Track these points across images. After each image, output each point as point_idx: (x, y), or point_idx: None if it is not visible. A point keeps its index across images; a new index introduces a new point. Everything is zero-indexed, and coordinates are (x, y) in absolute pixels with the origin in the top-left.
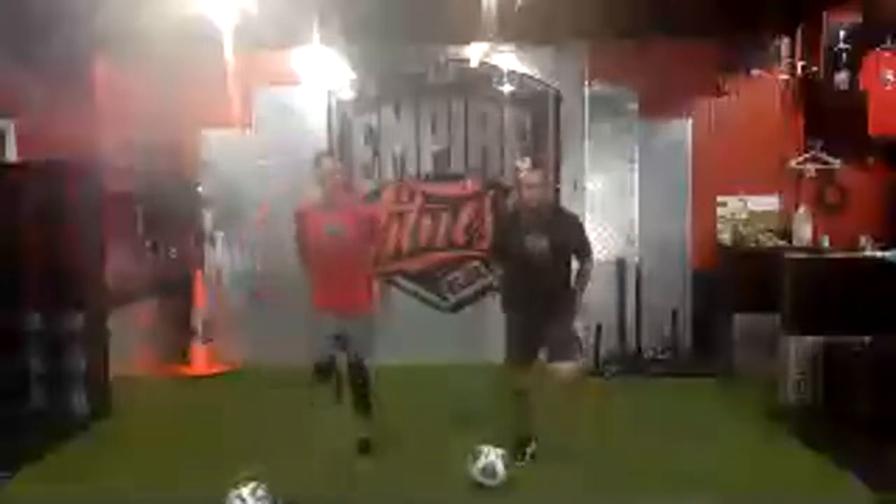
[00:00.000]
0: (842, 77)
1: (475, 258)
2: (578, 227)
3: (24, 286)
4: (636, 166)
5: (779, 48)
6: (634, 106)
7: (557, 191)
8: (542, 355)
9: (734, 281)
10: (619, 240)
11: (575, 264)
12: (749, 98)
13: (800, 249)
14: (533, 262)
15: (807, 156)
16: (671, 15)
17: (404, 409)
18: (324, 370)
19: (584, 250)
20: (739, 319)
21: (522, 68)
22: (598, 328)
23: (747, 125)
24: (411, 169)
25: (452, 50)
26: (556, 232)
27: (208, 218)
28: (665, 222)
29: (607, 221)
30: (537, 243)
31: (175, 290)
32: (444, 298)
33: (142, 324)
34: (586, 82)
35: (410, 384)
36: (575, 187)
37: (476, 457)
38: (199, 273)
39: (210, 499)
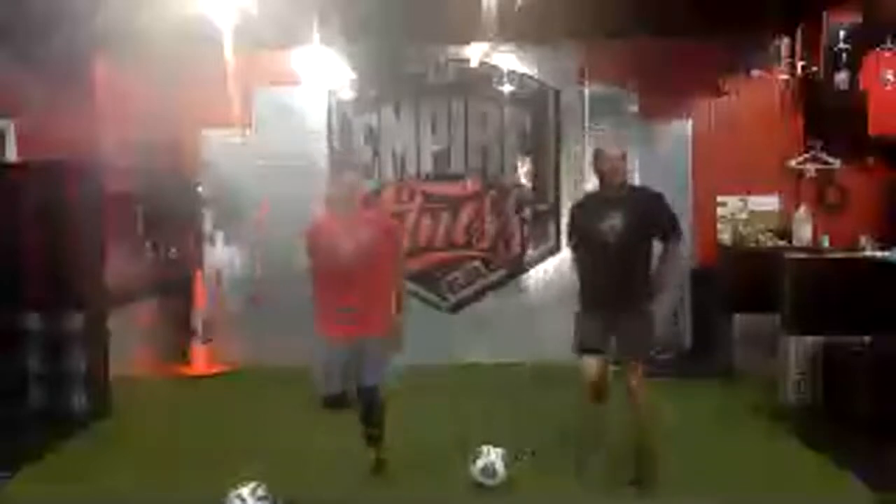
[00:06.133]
0: (842, 77)
1: (475, 258)
2: (659, 202)
3: (24, 286)
4: (636, 166)
5: (779, 48)
6: (634, 106)
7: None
8: (612, 347)
9: (734, 281)
10: None
11: (658, 246)
12: (749, 98)
13: (800, 249)
14: (608, 243)
15: (807, 156)
16: (671, 15)
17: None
18: (335, 405)
19: (668, 227)
20: (739, 319)
21: (522, 68)
22: None
23: (747, 125)
24: (411, 169)
25: (452, 50)
26: (634, 209)
27: (208, 218)
28: None
29: None
30: (613, 222)
31: (175, 290)
32: (444, 298)
33: (142, 324)
34: (586, 82)
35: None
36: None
37: (476, 457)
38: (199, 273)
39: (210, 499)
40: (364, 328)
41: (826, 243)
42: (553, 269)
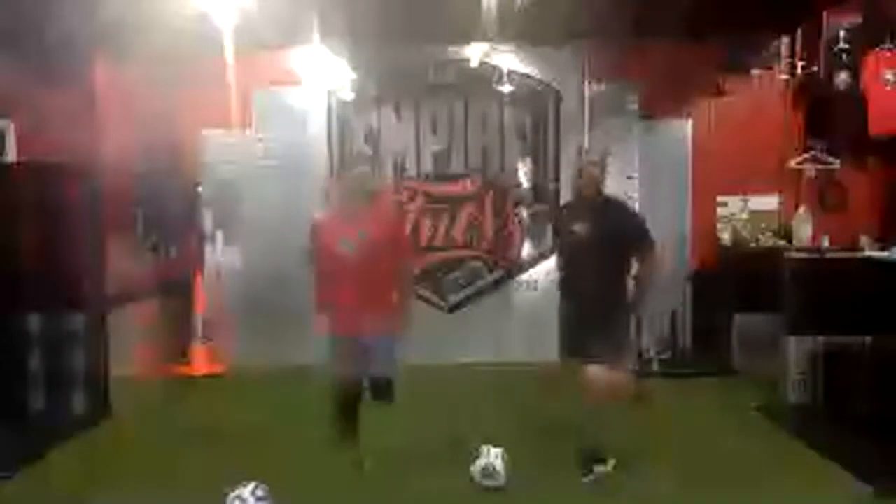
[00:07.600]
0: (842, 77)
1: (475, 258)
2: (631, 216)
3: (24, 286)
4: (636, 166)
5: (779, 48)
6: (634, 106)
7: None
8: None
9: (734, 281)
10: None
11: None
12: (749, 98)
13: (800, 249)
14: (580, 251)
15: (807, 156)
16: (671, 15)
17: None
18: (347, 404)
19: (640, 241)
20: (739, 319)
21: (522, 68)
22: None
23: (747, 125)
24: (411, 169)
25: (452, 50)
26: (604, 219)
27: (208, 218)
28: (665, 222)
29: None
30: (584, 230)
31: (175, 290)
32: (444, 298)
33: (142, 324)
34: (586, 82)
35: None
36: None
37: (476, 457)
38: (199, 273)
39: (210, 499)
40: (370, 323)
41: (826, 243)
42: (553, 268)
